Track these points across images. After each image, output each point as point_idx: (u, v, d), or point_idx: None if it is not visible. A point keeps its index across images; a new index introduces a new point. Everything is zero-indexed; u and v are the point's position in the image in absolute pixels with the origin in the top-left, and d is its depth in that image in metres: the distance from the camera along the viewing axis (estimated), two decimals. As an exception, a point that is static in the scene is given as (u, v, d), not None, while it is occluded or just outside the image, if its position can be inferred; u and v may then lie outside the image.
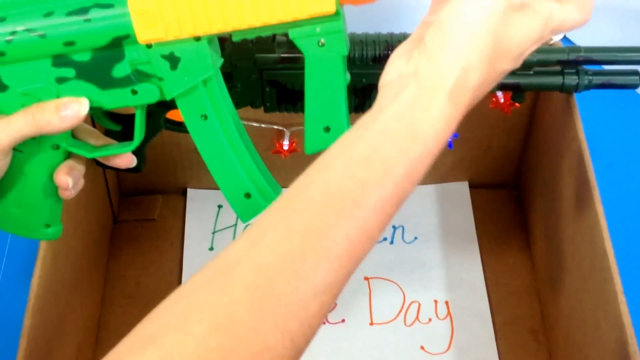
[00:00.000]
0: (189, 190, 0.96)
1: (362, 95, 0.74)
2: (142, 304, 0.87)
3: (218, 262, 0.45)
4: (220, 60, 0.58)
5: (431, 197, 0.96)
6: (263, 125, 0.86)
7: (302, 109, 0.72)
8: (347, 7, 0.54)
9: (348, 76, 0.57)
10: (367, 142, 0.47)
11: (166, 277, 0.89)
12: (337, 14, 0.53)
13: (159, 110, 0.74)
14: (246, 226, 0.83)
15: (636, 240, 0.90)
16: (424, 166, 0.48)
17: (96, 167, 0.84)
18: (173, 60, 0.55)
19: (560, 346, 0.80)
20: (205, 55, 0.55)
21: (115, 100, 0.57)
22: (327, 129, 0.58)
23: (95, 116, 0.61)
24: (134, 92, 0.56)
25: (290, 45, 0.62)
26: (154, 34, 0.53)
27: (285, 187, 0.48)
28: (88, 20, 0.53)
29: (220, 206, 0.95)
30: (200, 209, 0.95)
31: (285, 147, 0.87)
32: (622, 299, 0.65)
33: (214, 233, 0.93)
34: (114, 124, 0.64)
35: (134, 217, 0.95)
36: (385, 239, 0.93)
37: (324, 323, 0.85)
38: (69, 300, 0.76)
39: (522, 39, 0.49)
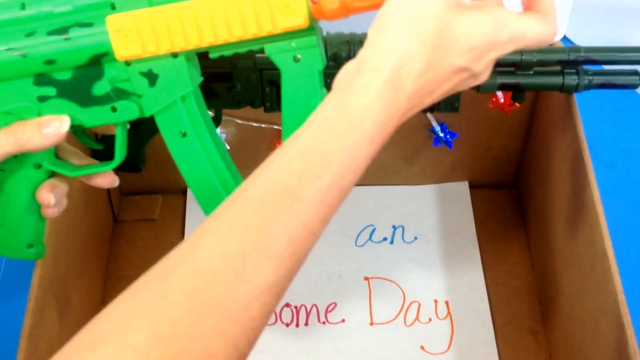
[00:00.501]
0: (189, 190, 0.96)
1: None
2: (142, 304, 0.86)
3: (158, 267, 0.44)
4: (200, 78, 0.58)
5: (431, 197, 0.96)
6: (263, 125, 0.86)
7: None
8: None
9: (324, 91, 0.57)
10: (306, 135, 0.46)
11: (166, 277, 0.89)
12: (312, 29, 0.53)
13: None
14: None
15: (636, 240, 0.90)
16: (365, 153, 0.46)
17: (96, 167, 0.84)
18: (151, 77, 0.56)
19: (560, 346, 0.80)
20: (183, 72, 0.55)
21: (96, 117, 0.58)
22: None
23: (77, 135, 0.61)
24: (114, 110, 0.57)
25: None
26: (131, 50, 0.54)
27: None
28: (68, 39, 0.55)
29: (220, 206, 0.95)
30: (200, 209, 0.95)
31: (285, 147, 0.87)
32: (622, 299, 0.65)
33: (214, 233, 0.93)
34: (95, 142, 0.64)
35: (134, 217, 0.95)
36: (385, 239, 0.93)
37: (324, 323, 0.85)
38: (69, 300, 0.76)
39: (470, 31, 0.47)
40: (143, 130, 0.71)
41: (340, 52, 0.71)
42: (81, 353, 0.40)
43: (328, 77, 0.54)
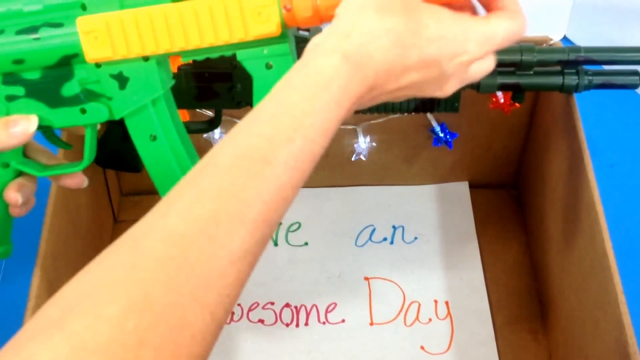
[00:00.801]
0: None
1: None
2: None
3: (125, 237, 0.42)
4: (172, 82, 0.58)
5: (431, 197, 0.96)
6: (263, 125, 0.86)
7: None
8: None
9: None
10: (275, 99, 0.46)
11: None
12: (284, 37, 0.53)
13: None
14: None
15: (636, 240, 0.90)
16: (334, 116, 0.46)
17: (96, 167, 0.84)
18: (122, 80, 0.56)
19: (560, 346, 0.80)
20: (154, 76, 0.55)
21: (65, 119, 0.57)
22: None
23: (46, 135, 0.61)
24: (83, 111, 0.57)
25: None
26: (101, 53, 0.54)
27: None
28: (37, 39, 0.55)
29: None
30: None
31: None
32: (622, 299, 0.65)
33: (214, 233, 0.93)
34: (64, 143, 0.64)
35: (134, 217, 0.94)
36: (385, 239, 0.93)
37: (324, 323, 0.85)
38: (69, 300, 0.76)
39: (439, 19, 0.48)
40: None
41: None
42: (48, 329, 0.38)
43: None
